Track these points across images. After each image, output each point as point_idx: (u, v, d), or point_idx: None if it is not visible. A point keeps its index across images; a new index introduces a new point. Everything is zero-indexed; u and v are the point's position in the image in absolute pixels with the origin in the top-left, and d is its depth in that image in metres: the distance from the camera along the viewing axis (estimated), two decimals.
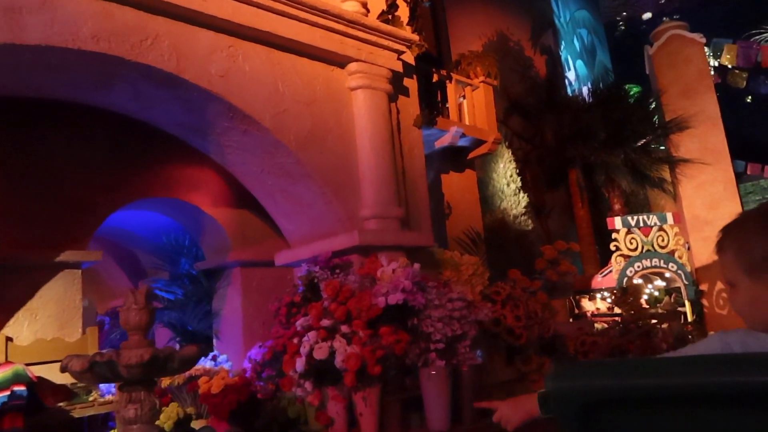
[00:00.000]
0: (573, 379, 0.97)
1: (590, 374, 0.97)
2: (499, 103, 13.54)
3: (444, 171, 7.59)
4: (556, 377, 0.98)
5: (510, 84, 13.94)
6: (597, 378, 0.94)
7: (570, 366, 1.04)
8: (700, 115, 12.88)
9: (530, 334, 5.84)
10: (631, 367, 0.97)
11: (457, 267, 5.38)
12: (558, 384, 0.96)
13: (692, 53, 13.21)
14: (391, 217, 4.73)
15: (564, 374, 0.98)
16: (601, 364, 1.13)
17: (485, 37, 13.70)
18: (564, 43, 15.79)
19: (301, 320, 4.20)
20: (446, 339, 4.21)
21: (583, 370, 1.03)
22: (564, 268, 6.81)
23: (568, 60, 15.80)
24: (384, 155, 4.77)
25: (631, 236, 10.69)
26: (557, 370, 1.00)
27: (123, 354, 2.79)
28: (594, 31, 16.99)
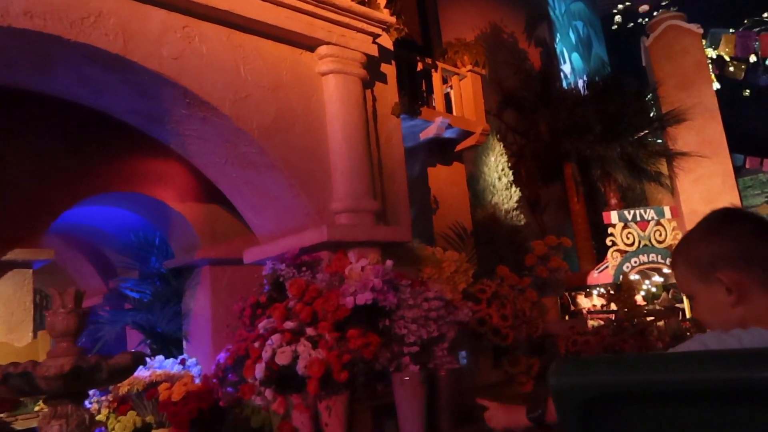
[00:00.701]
0: (575, 374, 0.94)
1: (593, 370, 0.94)
2: (493, 96, 13.18)
3: (431, 164, 7.23)
4: (558, 373, 0.94)
5: (504, 77, 13.56)
6: (599, 373, 0.93)
7: (572, 361, 1.00)
8: (698, 107, 12.50)
9: (518, 334, 5.50)
10: (634, 362, 0.94)
11: (438, 264, 5.03)
12: (560, 379, 0.94)
13: (689, 44, 12.83)
14: (364, 210, 4.38)
15: (566, 370, 0.95)
16: (604, 359, 1.08)
17: (478, 29, 13.31)
18: (559, 35, 15.41)
19: (264, 322, 3.85)
20: (422, 341, 3.86)
21: (585, 365, 0.98)
22: (555, 264, 6.45)
23: (563, 53, 15.42)
24: (357, 145, 4.42)
25: (628, 231, 10.33)
26: (560, 366, 0.96)
27: (41, 364, 2.45)
28: (590, 23, 16.60)
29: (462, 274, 5.15)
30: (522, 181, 12.75)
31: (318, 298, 3.77)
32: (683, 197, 12.47)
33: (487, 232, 8.49)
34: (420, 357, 3.92)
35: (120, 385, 4.34)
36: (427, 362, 3.94)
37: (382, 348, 3.70)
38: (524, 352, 5.74)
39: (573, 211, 12.72)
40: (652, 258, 10.26)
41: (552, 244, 6.60)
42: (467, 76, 7.28)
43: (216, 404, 4.05)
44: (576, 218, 12.69)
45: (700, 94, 12.56)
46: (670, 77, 12.78)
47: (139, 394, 4.39)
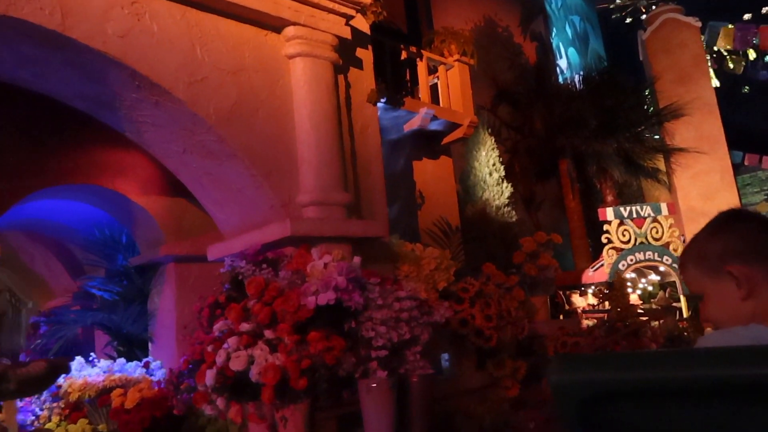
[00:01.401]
0: (575, 371, 0.93)
1: (592, 366, 0.94)
2: (487, 91, 12.83)
3: (416, 157, 6.90)
4: (557, 369, 0.93)
5: (498, 72, 13.20)
6: (599, 370, 0.92)
7: (572, 358, 1.02)
8: (696, 101, 12.13)
9: (502, 336, 5.16)
10: (634, 359, 0.95)
11: (417, 261, 4.69)
12: (559, 376, 0.92)
13: (687, 37, 12.47)
14: (334, 203, 4.04)
15: (566, 366, 0.94)
16: (603, 356, 1.06)
17: (472, 22, 12.96)
18: (555, 29, 15.05)
19: (220, 324, 3.52)
20: (392, 345, 3.53)
21: (585, 362, 0.97)
22: (544, 261, 6.11)
23: (559, 47, 15.06)
24: (327, 133, 4.08)
25: (624, 228, 9.97)
26: (559, 363, 0.96)
27: None
28: (587, 18, 16.24)
29: (443, 272, 4.81)
30: (516, 177, 12.40)
31: (278, 297, 3.44)
32: (681, 194, 12.11)
33: (477, 229, 8.15)
34: (390, 362, 3.59)
35: (71, 390, 4.01)
36: (398, 367, 3.61)
37: (347, 352, 3.37)
38: (510, 355, 5.41)
39: (568, 208, 12.37)
40: (649, 256, 9.90)
41: (542, 241, 6.25)
42: (455, 66, 6.94)
43: (171, 412, 3.72)
44: (571, 215, 12.34)
45: (698, 88, 12.20)
46: (667, 71, 12.42)
47: (92, 400, 4.06)
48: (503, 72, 13.33)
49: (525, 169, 12.38)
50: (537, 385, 5.62)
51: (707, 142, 12.05)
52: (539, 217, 13.41)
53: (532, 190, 12.75)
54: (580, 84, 12.67)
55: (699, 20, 12.46)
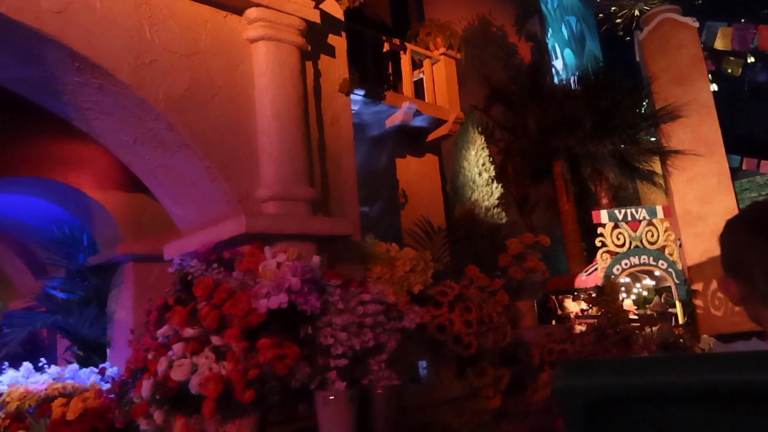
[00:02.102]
0: (580, 375, 0.92)
1: (597, 371, 0.93)
2: (480, 90, 12.51)
3: (399, 155, 6.57)
4: (562, 374, 0.92)
5: (492, 71, 12.89)
6: (604, 375, 0.91)
7: (577, 362, 0.96)
8: (693, 103, 11.80)
9: (483, 343, 4.82)
10: (639, 364, 0.93)
11: (391, 262, 4.36)
12: (564, 381, 0.91)
13: (685, 38, 12.14)
14: (297, 199, 3.71)
15: (571, 371, 0.92)
16: (609, 360, 1.03)
17: (465, 21, 12.64)
18: (551, 30, 14.74)
19: (165, 328, 3.19)
20: (353, 353, 3.20)
21: (590, 366, 0.95)
22: (531, 264, 5.77)
23: (555, 48, 14.75)
24: (290, 123, 3.75)
25: (618, 231, 9.64)
26: (564, 367, 0.93)
27: None
28: (583, 19, 15.93)
29: (419, 274, 4.47)
30: (509, 179, 12.08)
31: (229, 300, 3.11)
32: (677, 197, 11.77)
33: (465, 230, 7.82)
34: (352, 371, 3.26)
35: (9, 400, 3.67)
36: (361, 378, 3.27)
37: (302, 361, 3.03)
38: (493, 362, 5.07)
39: (562, 211, 12.04)
40: (644, 260, 9.56)
41: (529, 243, 5.91)
42: (440, 60, 6.62)
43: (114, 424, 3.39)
44: (565, 218, 12.00)
45: (695, 90, 11.87)
46: (664, 72, 12.09)
47: (34, 410, 3.72)
48: (497, 72, 13.01)
49: (518, 170, 12.06)
50: (521, 395, 5.28)
51: (704, 144, 11.71)
52: (533, 220, 13.07)
53: (525, 192, 12.42)
54: (575, 84, 12.36)
55: (696, 20, 12.15)
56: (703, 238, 11.56)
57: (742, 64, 12.51)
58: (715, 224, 11.58)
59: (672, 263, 9.49)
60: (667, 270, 9.44)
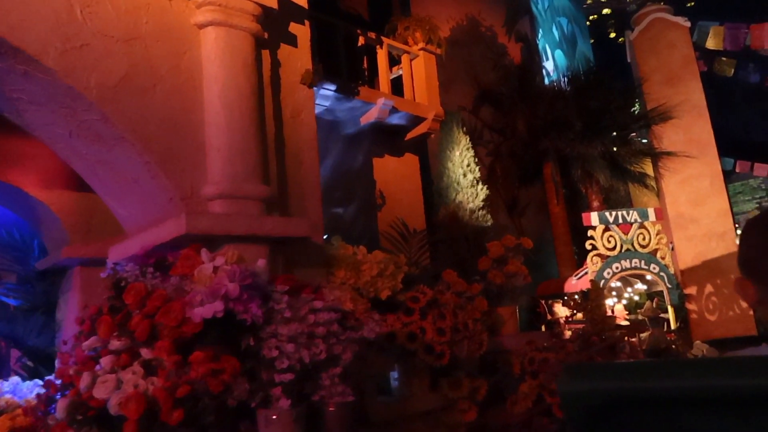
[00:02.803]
0: (584, 379, 0.91)
1: (602, 375, 0.93)
2: (469, 91, 12.22)
3: (377, 154, 6.25)
4: (567, 378, 0.92)
5: (481, 72, 12.60)
6: (609, 379, 0.91)
7: (582, 366, 0.97)
8: (685, 104, 11.52)
9: (458, 352, 4.49)
10: (644, 368, 0.94)
11: (356, 266, 4.03)
12: (569, 385, 0.91)
13: (676, 38, 11.87)
14: (248, 197, 3.39)
15: (576, 375, 0.92)
16: (614, 365, 1.11)
17: (453, 20, 12.37)
18: (542, 31, 14.47)
19: (91, 340, 2.86)
20: (302, 367, 2.87)
21: (595, 370, 0.96)
22: (512, 268, 5.44)
23: (546, 49, 14.47)
24: (242, 115, 3.43)
25: (609, 234, 9.32)
26: (569, 371, 0.94)
27: None
28: (575, 20, 15.66)
29: (387, 279, 4.15)
30: (498, 181, 11.79)
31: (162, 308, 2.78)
32: (669, 199, 11.47)
33: (447, 233, 7.51)
34: (301, 387, 2.93)
35: None
36: (311, 394, 2.95)
37: (241, 376, 2.71)
38: (470, 373, 4.74)
39: (552, 214, 11.73)
40: (635, 263, 9.24)
41: (510, 245, 5.59)
42: (420, 56, 6.31)
43: None
44: (556, 221, 11.69)
45: (687, 90, 11.59)
46: (655, 72, 11.82)
47: None
48: (486, 73, 12.72)
49: (507, 172, 11.74)
50: (500, 407, 4.95)
51: (696, 145, 11.42)
52: (522, 223, 12.75)
53: (515, 194, 12.12)
54: (565, 85, 12.07)
55: (688, 20, 11.88)
56: (696, 241, 11.26)
57: (734, 65, 12.24)
58: (707, 227, 11.28)
59: (664, 267, 9.17)
60: (658, 274, 9.13)
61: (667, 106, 11.43)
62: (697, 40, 11.70)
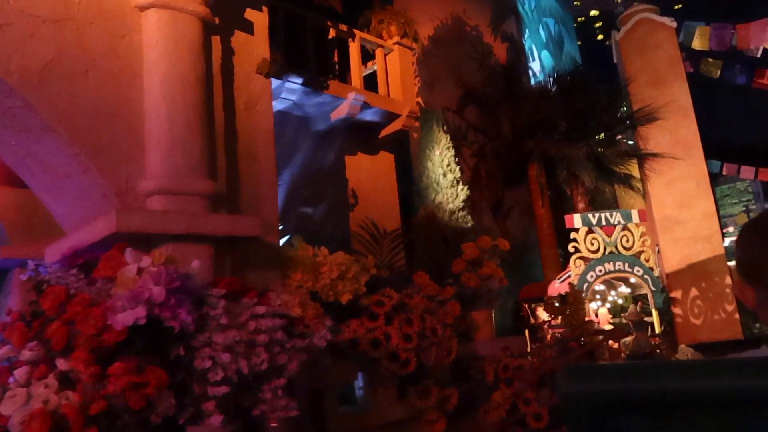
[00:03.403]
0: (586, 381, 0.91)
1: (603, 377, 0.92)
2: (453, 91, 11.99)
3: (350, 152, 5.98)
4: (568, 379, 0.91)
5: (466, 72, 12.37)
6: (610, 381, 0.90)
7: (583, 368, 0.97)
8: (671, 105, 11.33)
9: (425, 359, 4.23)
10: (645, 370, 0.93)
11: (315, 268, 3.76)
12: (570, 386, 0.90)
13: (662, 38, 11.69)
14: (190, 193, 3.11)
15: (576, 376, 0.92)
16: (615, 366, 0.97)
17: (438, 19, 12.14)
18: (528, 31, 14.27)
19: (4, 349, 2.58)
20: (241, 378, 2.60)
21: (596, 372, 0.94)
22: (488, 270, 5.19)
23: (532, 50, 14.26)
24: (185, 105, 3.15)
25: (593, 236, 9.10)
26: (570, 372, 0.92)
27: None
28: (562, 21, 15.47)
29: (349, 282, 3.87)
30: (482, 182, 11.55)
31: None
32: (655, 201, 11.27)
33: (425, 235, 7.25)
34: (240, 401, 2.65)
35: None
36: (251, 408, 2.67)
37: (167, 390, 2.43)
38: (440, 381, 4.47)
39: (537, 216, 11.49)
40: (619, 266, 9.01)
41: (486, 247, 5.33)
42: (394, 50, 6.05)
43: None
44: (541, 223, 11.45)
45: (673, 91, 11.40)
46: (641, 73, 11.63)
47: None
48: (471, 73, 12.48)
49: (492, 173, 11.49)
50: (473, 417, 4.69)
51: (682, 147, 11.24)
52: (507, 225, 12.52)
53: (499, 196, 11.88)
54: (551, 85, 11.86)
55: (674, 21, 11.71)
56: (682, 243, 11.07)
57: (720, 66, 12.07)
58: (693, 229, 11.09)
59: (648, 270, 8.95)
60: (643, 277, 8.91)
61: (653, 107, 11.24)
62: (684, 40, 11.52)
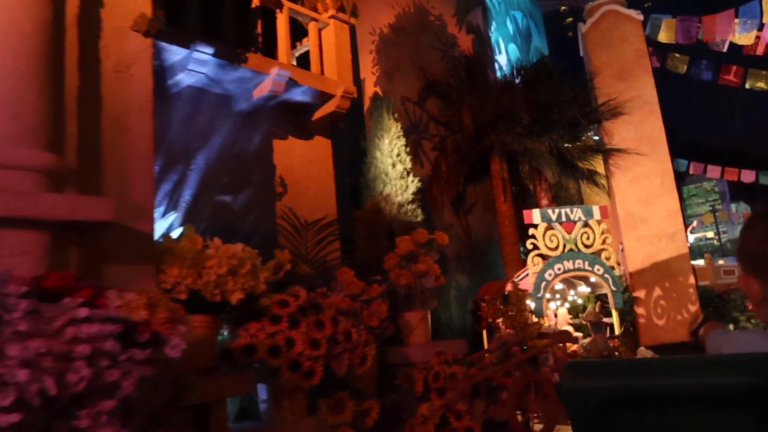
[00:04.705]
0: (587, 378, 0.93)
1: (605, 373, 0.94)
2: (415, 82, 11.43)
3: (279, 136, 5.37)
4: (570, 376, 0.93)
5: (428, 62, 11.82)
6: (611, 377, 0.92)
7: (584, 365, 0.98)
8: (636, 99, 10.94)
9: (336, 368, 3.63)
10: (646, 366, 0.93)
11: (198, 262, 3.15)
12: (572, 383, 0.92)
13: (628, 31, 11.29)
14: (17, 167, 2.47)
15: (578, 373, 0.94)
16: (616, 363, 1.04)
17: (399, 7, 11.58)
18: (495, 24, 13.77)
19: None
20: (46, 401, 1.99)
21: (597, 368, 0.97)
22: (423, 267, 4.62)
23: (499, 42, 13.77)
24: (15, 57, 2.52)
25: (552, 233, 8.59)
26: (572, 369, 0.94)
27: None
28: (530, 14, 15.01)
29: (243, 278, 3.26)
30: (443, 176, 11.02)
31: None
32: (619, 198, 10.86)
33: (369, 229, 6.67)
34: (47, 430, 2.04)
35: None
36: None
37: None
38: (358, 392, 3.89)
39: (499, 212, 10.98)
40: (579, 264, 8.51)
41: (421, 241, 4.77)
42: (330, 25, 5.45)
43: None
44: (503, 219, 10.94)
45: (639, 85, 11.01)
46: (607, 67, 11.22)
47: None
48: (434, 63, 11.94)
49: (453, 168, 10.94)
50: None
51: (647, 143, 10.85)
52: (470, 222, 12.02)
53: (461, 191, 11.35)
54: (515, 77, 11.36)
55: (641, 13, 11.31)
56: (645, 242, 10.67)
57: (687, 62, 11.71)
58: (657, 227, 10.70)
59: (609, 268, 8.46)
60: (603, 276, 8.43)
61: (618, 101, 10.82)
62: (650, 33, 11.13)
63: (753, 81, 11.31)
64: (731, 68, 11.46)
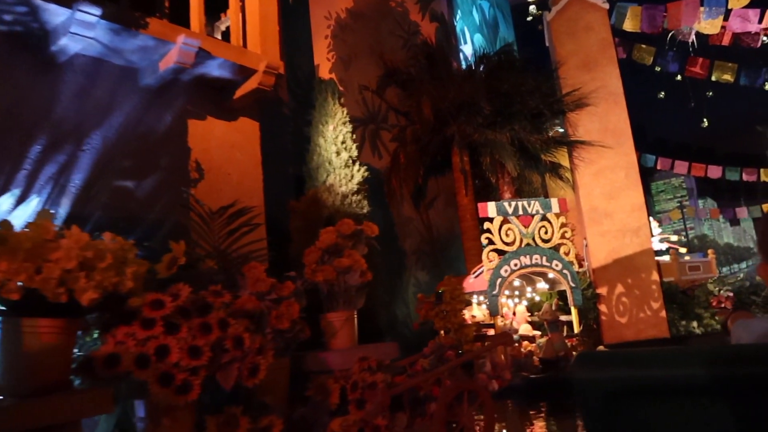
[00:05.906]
0: (598, 368, 0.92)
1: (615, 364, 0.93)
2: (374, 69, 10.87)
3: (196, 115, 4.76)
4: (581, 367, 0.93)
5: (389, 50, 11.27)
6: (622, 368, 0.91)
7: (595, 355, 0.99)
8: (601, 90, 10.51)
9: (222, 381, 3.07)
10: (655, 357, 0.93)
11: (39, 255, 2.55)
12: (583, 373, 0.92)
13: (594, 20, 10.86)
14: None
15: (589, 363, 0.94)
16: (626, 354, 0.95)
17: None
18: (461, 13, 13.26)
19: None
20: None
21: (607, 359, 0.96)
22: (345, 262, 4.07)
23: (464, 32, 13.27)
24: None
25: (508, 226, 8.11)
26: (582, 359, 0.95)
27: None
28: (498, 5, 14.52)
29: (101, 273, 2.67)
30: (402, 168, 10.49)
31: None
32: (583, 192, 10.44)
33: (306, 221, 6.10)
34: None
35: None
36: None
37: None
38: (258, 406, 3.33)
39: (461, 206, 10.50)
40: (536, 260, 8.04)
41: (347, 233, 4.22)
42: None
43: None
44: (464, 213, 10.46)
45: (604, 76, 10.59)
46: (572, 56, 10.78)
47: None
48: (394, 51, 11.39)
49: (413, 159, 10.42)
50: None
51: (612, 135, 10.44)
52: (430, 215, 11.52)
53: (420, 183, 10.84)
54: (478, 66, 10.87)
55: (607, 2, 10.89)
56: (609, 237, 10.27)
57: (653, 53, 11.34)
58: (621, 222, 10.31)
59: (567, 264, 8.01)
60: (561, 272, 7.97)
61: (583, 92, 10.39)
62: (616, 22, 10.72)
63: (719, 73, 11.00)
64: (698, 60, 11.12)
